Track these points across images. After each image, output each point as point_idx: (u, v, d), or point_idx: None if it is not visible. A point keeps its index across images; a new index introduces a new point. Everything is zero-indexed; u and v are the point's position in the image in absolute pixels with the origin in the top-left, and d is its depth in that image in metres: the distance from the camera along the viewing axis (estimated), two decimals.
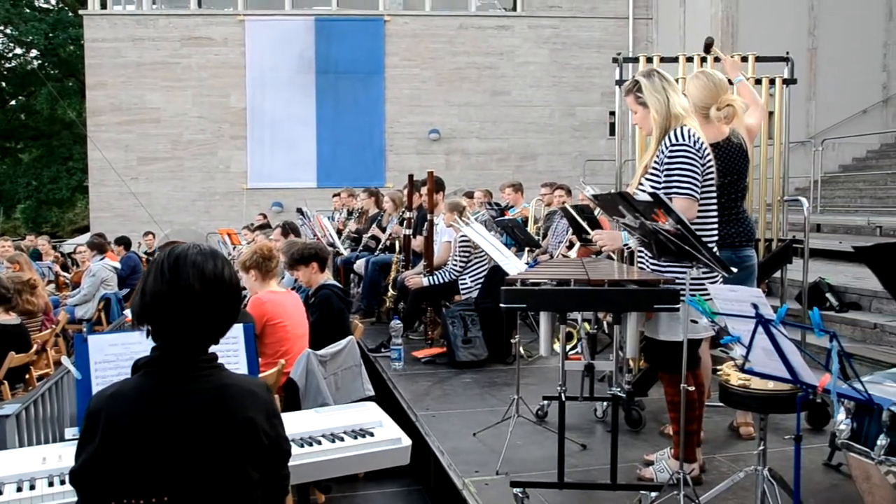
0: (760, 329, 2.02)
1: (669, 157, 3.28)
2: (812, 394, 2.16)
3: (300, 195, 15.46)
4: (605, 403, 4.42)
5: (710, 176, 3.35)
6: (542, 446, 4.06)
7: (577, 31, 16.95)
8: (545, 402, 4.51)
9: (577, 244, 6.33)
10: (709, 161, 3.35)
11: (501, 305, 3.07)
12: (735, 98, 3.91)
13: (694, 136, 3.30)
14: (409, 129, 16.81)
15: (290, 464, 1.94)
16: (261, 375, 3.85)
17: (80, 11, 16.45)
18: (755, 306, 1.99)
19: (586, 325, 4.67)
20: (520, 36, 16.93)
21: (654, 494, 3.21)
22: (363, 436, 2.91)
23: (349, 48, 16.61)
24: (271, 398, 1.87)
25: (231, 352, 3.29)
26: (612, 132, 16.33)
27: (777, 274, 5.00)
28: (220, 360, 1.82)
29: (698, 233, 2.95)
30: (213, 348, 1.82)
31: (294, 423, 2.93)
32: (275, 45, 16.46)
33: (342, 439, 2.87)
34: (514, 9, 17.26)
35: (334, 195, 12.25)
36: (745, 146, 3.95)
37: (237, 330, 3.17)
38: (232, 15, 16.56)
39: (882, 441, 2.06)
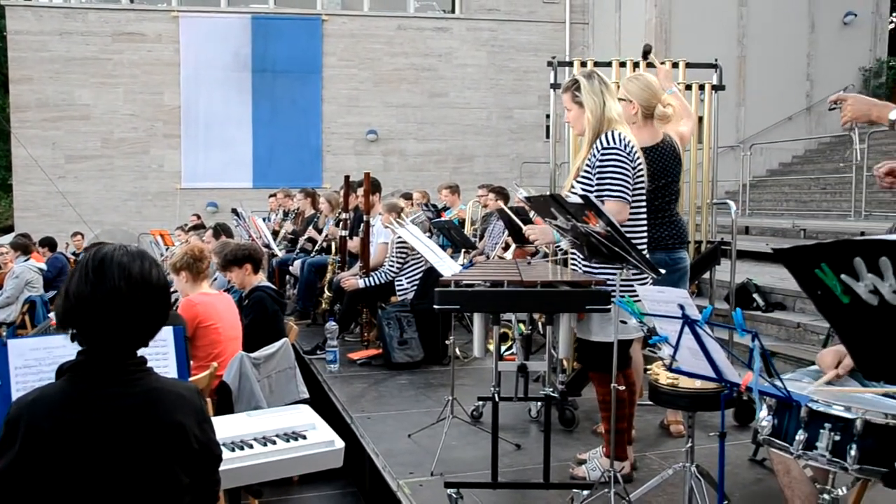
0: (686, 329, 2.06)
1: (601, 161, 3.33)
2: (736, 391, 2.21)
3: (236, 195, 15.22)
4: (539, 403, 4.46)
5: (640, 180, 3.42)
6: (477, 447, 4.08)
7: (515, 34, 17.09)
8: (480, 402, 4.54)
9: (513, 246, 6.38)
10: (639, 165, 3.41)
11: (435, 307, 3.07)
12: (672, 101, 4.01)
13: (625, 139, 3.36)
14: (346, 129, 16.71)
15: (220, 468, 1.91)
16: (192, 379, 3.77)
17: (2, 2, 15.83)
18: (681, 307, 2.03)
19: (521, 325, 4.71)
20: (458, 38, 16.99)
21: (585, 493, 3.26)
22: (296, 439, 2.88)
23: (286, 47, 16.42)
24: (202, 402, 1.84)
25: (160, 355, 3.21)
26: (549, 135, 16.49)
27: (706, 275, 5.13)
28: (148, 364, 1.78)
29: (628, 235, 3.00)
30: (141, 351, 1.78)
31: (225, 426, 2.88)
32: (210, 43, 16.16)
33: (274, 442, 2.83)
34: (453, 11, 17.32)
35: (270, 196, 12.10)
36: (679, 150, 4.04)
37: (166, 333, 3.10)
38: (165, 11, 16.20)
39: (800, 436, 2.12)
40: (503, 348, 5.41)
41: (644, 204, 3.48)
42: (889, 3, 16.59)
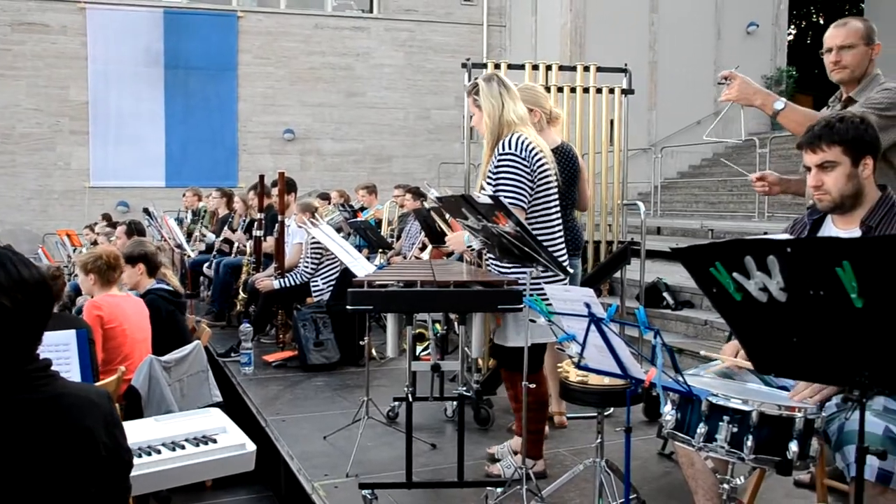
0: (593, 327, 2.11)
1: (497, 165, 3.38)
2: (641, 388, 2.28)
3: (148, 195, 14.77)
4: (454, 403, 4.49)
5: (545, 182, 3.47)
6: (393, 447, 4.08)
7: (433, 35, 17.15)
8: (396, 403, 4.54)
9: (430, 246, 6.40)
10: (541, 167, 3.44)
11: (348, 307, 3.06)
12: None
13: (524, 142, 3.39)
14: (262, 128, 16.43)
15: None
16: (100, 383, 3.67)
17: None
18: (588, 305, 2.08)
19: (437, 325, 4.74)
20: (376, 38, 16.94)
21: (499, 490, 3.30)
22: (206, 443, 2.82)
23: (200, 43, 16.03)
24: (112, 407, 1.79)
25: (62, 360, 3.11)
26: (472, 135, 16.60)
27: (617, 274, 5.27)
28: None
29: (540, 237, 3.06)
30: (43, 356, 1.72)
31: (132, 431, 2.79)
32: (119, 37, 15.62)
33: (183, 447, 2.78)
34: (371, 11, 17.25)
35: (184, 195, 11.83)
36: (576, 155, 4.16)
37: (68, 336, 3.01)
38: (71, 1, 15.58)
39: (701, 429, 2.20)
40: (420, 348, 5.42)
41: (555, 205, 3.54)
42: (787, 16, 17.36)
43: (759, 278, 1.52)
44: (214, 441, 2.83)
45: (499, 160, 3.37)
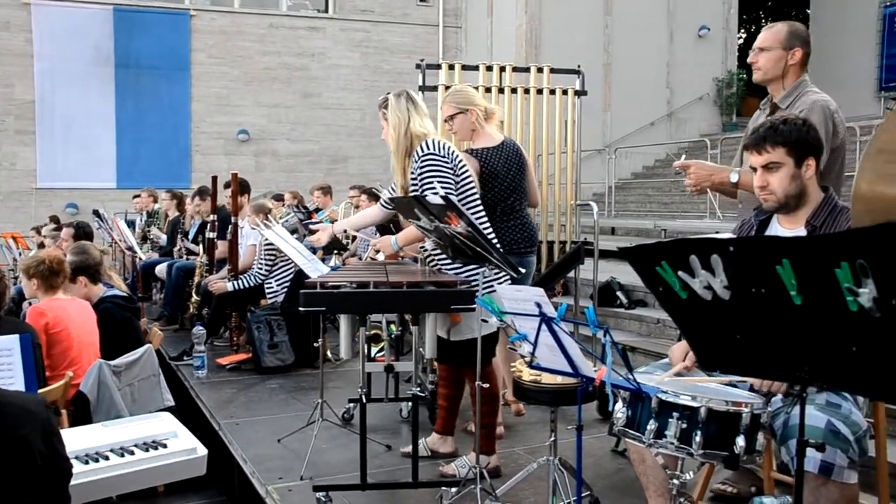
0: (544, 326, 2.13)
1: (419, 167, 3.47)
2: (592, 386, 2.30)
3: (98, 196, 14.50)
4: (409, 403, 4.49)
5: (466, 183, 3.54)
6: (348, 449, 4.06)
7: (389, 36, 17.11)
8: (350, 404, 4.52)
9: None
10: (463, 170, 3.54)
11: (300, 309, 3.04)
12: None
13: (440, 144, 3.50)
14: (216, 129, 16.22)
15: (72, 483, 1.82)
16: (46, 389, 3.59)
17: None
18: (538, 305, 2.10)
19: (392, 326, 4.73)
20: (331, 38, 16.84)
21: (454, 490, 3.31)
22: (155, 448, 2.79)
23: (152, 42, 15.76)
24: (49, 415, 1.75)
25: (4, 366, 3.04)
26: None
27: (571, 273, 5.32)
28: None
29: None
30: None
31: (79, 438, 2.75)
32: (67, 35, 15.27)
33: (132, 453, 2.73)
34: (326, 11, 17.14)
35: (135, 196, 11.63)
36: (521, 148, 4.21)
37: (11, 342, 2.94)
38: None
39: (651, 426, 2.22)
40: (375, 350, 5.41)
41: (479, 206, 3.61)
42: (737, 20, 17.71)
43: (704, 277, 1.55)
44: (164, 446, 2.80)
45: (420, 162, 3.46)
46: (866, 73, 16.30)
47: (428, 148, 3.47)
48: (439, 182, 3.39)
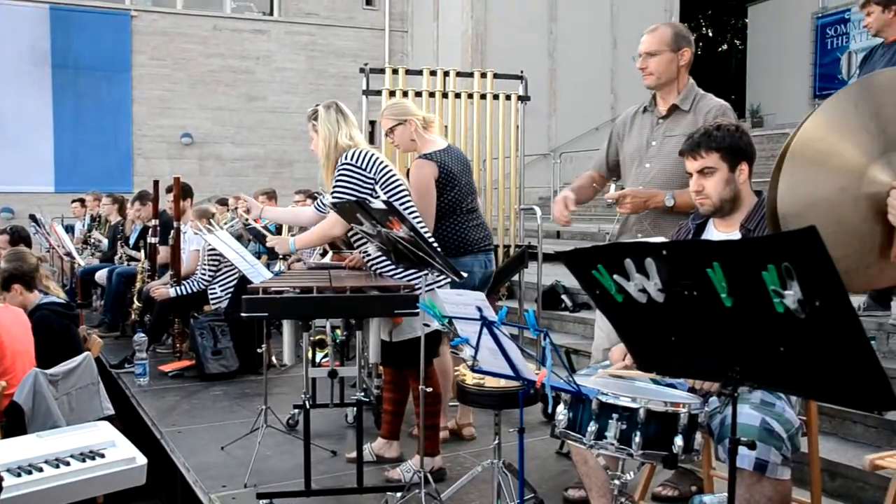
0: (485, 330, 2.14)
1: (335, 177, 3.57)
2: (533, 389, 2.32)
3: (35, 200, 14.09)
4: (354, 409, 4.47)
5: (397, 191, 3.58)
6: (292, 455, 4.03)
7: (335, 39, 17.02)
8: (295, 410, 4.49)
9: (331, 252, 6.35)
10: (390, 179, 3.59)
11: (242, 314, 3.01)
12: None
13: (361, 154, 3.58)
14: (159, 132, 15.92)
15: (4, 497, 1.77)
16: None
17: None
18: (479, 309, 2.11)
19: (337, 331, 4.71)
20: (276, 41, 16.68)
21: (398, 495, 3.31)
22: (92, 458, 2.73)
23: (90, 43, 15.38)
24: None
25: None
26: (371, 140, 16.58)
27: (516, 277, 5.35)
28: None
29: None
30: None
31: (12, 450, 2.68)
32: (1, 34, 14.84)
33: (67, 464, 2.67)
34: (271, 13, 16.98)
35: (74, 201, 11.35)
36: (463, 152, 4.29)
37: None
38: None
39: (592, 427, 2.25)
40: (320, 355, 5.38)
41: (416, 213, 3.65)
42: None
43: (639, 280, 1.58)
44: (102, 456, 2.75)
45: (336, 172, 3.57)
46: (802, 81, 16.78)
47: (346, 159, 3.56)
48: (348, 193, 3.47)
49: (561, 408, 2.37)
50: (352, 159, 3.55)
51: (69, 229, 10.26)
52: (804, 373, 1.50)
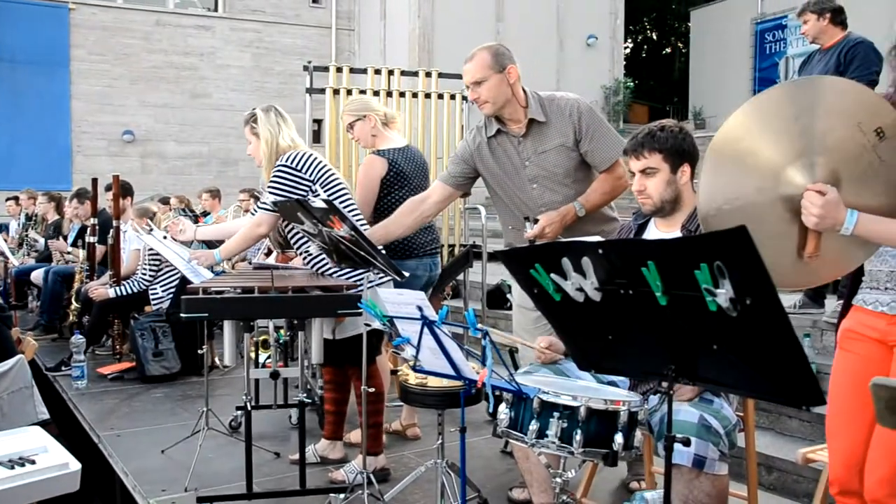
0: (426, 330, 2.14)
1: (270, 179, 3.52)
2: (474, 388, 2.32)
3: None
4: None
5: (337, 190, 3.56)
6: (235, 458, 3.96)
7: (281, 37, 16.84)
8: (238, 412, 4.42)
9: (276, 251, 6.27)
10: (329, 179, 3.57)
11: (181, 315, 2.95)
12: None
13: (296, 156, 3.54)
14: (99, 129, 15.54)
15: None
16: None
17: None
18: (420, 308, 2.10)
19: (281, 332, 4.65)
20: (221, 38, 16.43)
21: (342, 496, 3.28)
22: (22, 464, 2.65)
23: (26, 35, 14.93)
24: None
25: None
26: (317, 139, 16.47)
27: (461, 276, 5.37)
28: None
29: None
30: None
31: None
32: None
33: None
34: (216, 9, 16.72)
35: (8, 199, 11.02)
36: (422, 154, 4.27)
37: None
38: None
39: (533, 426, 2.25)
40: (264, 356, 5.31)
41: (358, 213, 3.64)
42: (623, 30, 18.35)
43: (576, 279, 1.59)
44: (33, 462, 2.66)
45: (272, 174, 3.52)
46: (742, 84, 17.17)
47: (281, 161, 3.52)
48: (282, 195, 3.44)
49: (503, 407, 2.37)
50: (287, 161, 3.52)
51: (3, 228, 9.96)
52: (736, 370, 1.53)
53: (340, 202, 3.50)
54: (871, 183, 1.72)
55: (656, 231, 2.81)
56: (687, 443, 1.92)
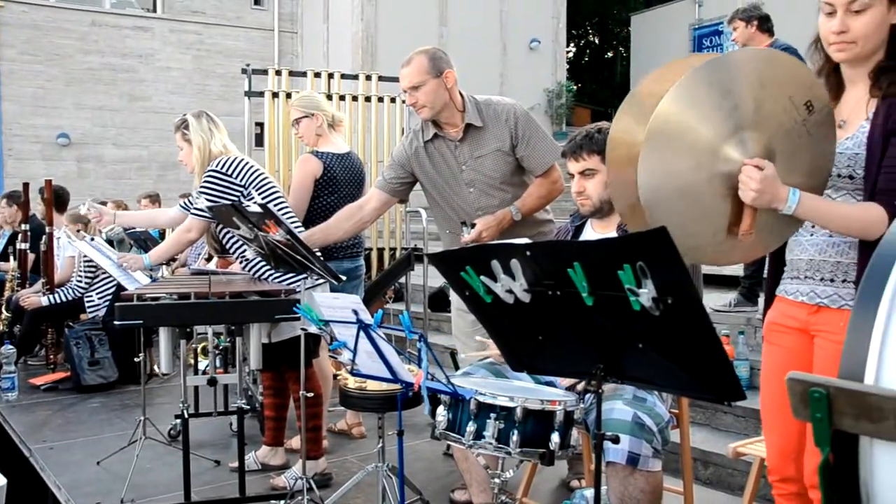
0: (362, 334, 2.14)
1: (200, 185, 3.51)
2: (412, 391, 2.33)
3: None
4: None
5: (270, 194, 3.55)
6: (173, 467, 3.89)
7: (222, 39, 16.61)
8: (177, 420, 4.35)
9: (216, 256, 6.19)
10: (262, 184, 3.56)
11: (115, 323, 2.90)
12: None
13: (227, 162, 3.53)
14: (32, 132, 15.09)
15: None
16: None
17: None
18: (355, 312, 2.10)
19: (220, 338, 4.58)
20: (160, 39, 16.12)
21: (282, 503, 3.26)
22: None
23: None
24: None
25: None
26: (259, 143, 16.28)
27: (403, 280, 5.36)
28: None
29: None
30: None
31: None
32: None
33: None
34: (154, 10, 16.41)
35: None
36: (362, 162, 4.27)
37: None
38: None
39: (471, 427, 2.27)
40: (204, 362, 5.23)
41: (293, 217, 3.63)
42: (566, 34, 18.58)
43: (505, 281, 1.61)
44: None
45: (203, 179, 3.50)
46: None
47: (212, 167, 3.50)
48: (212, 200, 3.42)
49: (441, 409, 2.39)
50: (218, 167, 3.50)
51: None
52: (661, 368, 1.57)
53: (275, 207, 3.49)
54: (799, 159, 1.74)
55: (593, 232, 2.85)
56: (616, 440, 1.95)
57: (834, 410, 0.91)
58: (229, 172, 3.48)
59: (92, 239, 4.37)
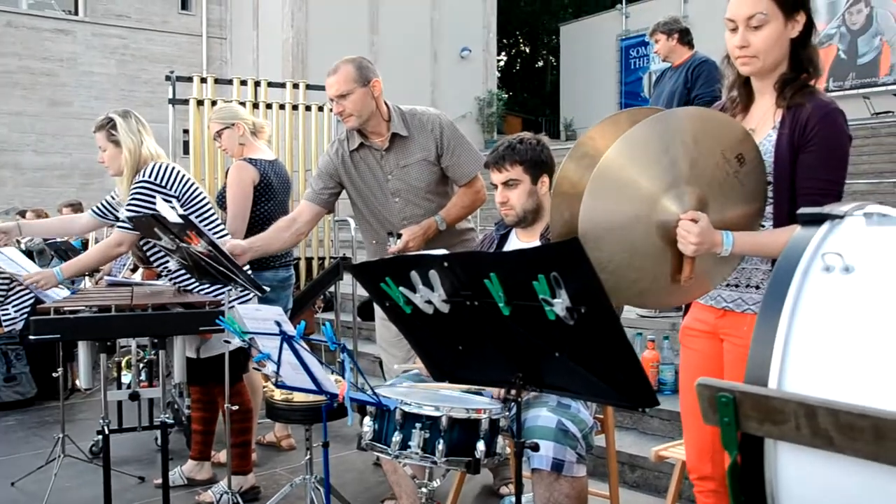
0: (286, 345, 2.12)
1: (131, 193, 3.39)
2: (336, 402, 2.31)
3: None
4: None
5: (200, 205, 3.51)
6: (95, 485, 3.76)
7: (148, 44, 16.27)
8: (99, 436, 4.23)
9: (142, 267, 6.04)
10: (188, 190, 3.49)
11: (30, 337, 2.80)
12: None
13: (159, 169, 3.43)
14: None
15: None
16: None
17: None
18: (278, 324, 2.08)
19: (145, 350, 4.48)
20: (83, 43, 15.70)
21: None
22: None
23: None
24: None
25: None
26: (187, 151, 15.96)
27: (332, 289, 5.34)
28: None
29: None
30: None
31: None
32: None
33: None
34: (76, 13, 15.97)
35: None
36: (287, 171, 4.24)
37: None
38: None
39: (396, 437, 2.26)
40: (129, 376, 5.10)
41: (221, 228, 3.59)
42: (496, 43, 18.79)
43: (424, 292, 1.62)
44: None
45: (133, 187, 3.38)
46: (610, 97, 17.89)
47: (143, 175, 3.39)
48: (135, 205, 3.33)
49: (367, 419, 2.38)
50: (150, 176, 3.38)
51: None
52: (578, 376, 1.60)
53: (203, 217, 3.42)
54: (732, 199, 1.82)
55: (517, 241, 2.89)
56: (536, 448, 1.98)
57: (740, 414, 0.94)
58: (162, 182, 3.37)
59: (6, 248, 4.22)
